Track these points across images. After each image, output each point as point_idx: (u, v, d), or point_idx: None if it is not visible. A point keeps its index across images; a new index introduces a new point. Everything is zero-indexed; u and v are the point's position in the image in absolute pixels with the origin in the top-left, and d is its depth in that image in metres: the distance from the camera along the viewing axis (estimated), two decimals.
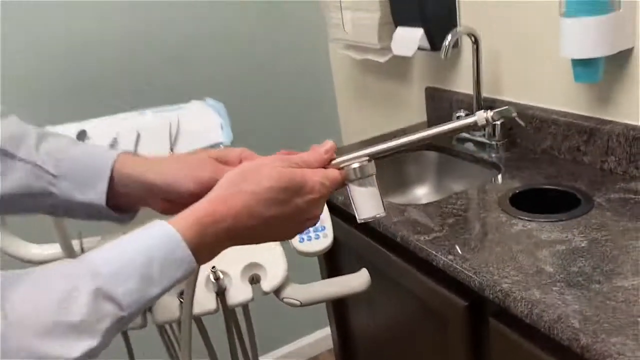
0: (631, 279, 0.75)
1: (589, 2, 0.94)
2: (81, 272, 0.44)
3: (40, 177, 0.61)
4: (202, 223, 0.50)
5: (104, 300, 0.44)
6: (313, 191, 0.55)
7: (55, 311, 0.42)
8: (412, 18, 1.32)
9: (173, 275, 0.48)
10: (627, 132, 1.02)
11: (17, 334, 0.40)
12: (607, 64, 1.00)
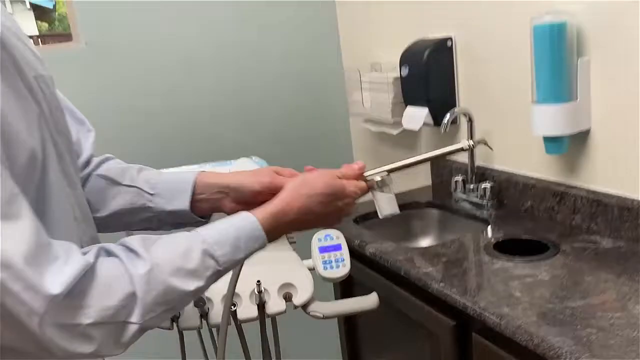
0: (578, 301, 0.98)
1: (553, 93, 1.22)
2: (196, 239, 0.69)
3: (141, 196, 0.88)
4: (273, 215, 0.76)
5: (208, 258, 0.68)
6: (349, 196, 0.84)
7: (180, 260, 0.66)
8: (419, 99, 1.62)
9: (252, 246, 0.73)
10: (588, 196, 1.27)
11: (157, 271, 0.64)
12: (571, 141, 1.27)
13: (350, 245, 1.31)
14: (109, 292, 0.59)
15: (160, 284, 0.63)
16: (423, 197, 1.71)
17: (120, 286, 0.60)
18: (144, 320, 0.62)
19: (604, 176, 1.25)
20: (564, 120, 1.23)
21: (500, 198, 1.51)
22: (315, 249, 1.21)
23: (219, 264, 0.69)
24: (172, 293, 0.64)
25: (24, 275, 0.53)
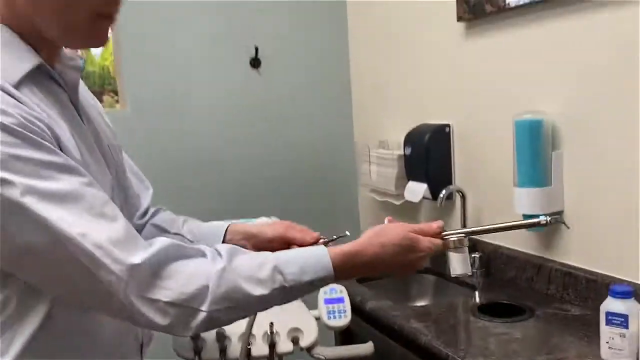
0: (544, 356, 1.16)
1: (531, 178, 1.43)
2: (271, 256, 0.81)
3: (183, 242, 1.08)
4: (345, 254, 0.85)
5: (277, 273, 0.79)
6: (422, 250, 0.88)
7: (254, 269, 0.78)
8: (419, 175, 1.84)
9: (319, 273, 0.81)
10: (562, 268, 1.46)
11: (231, 272, 0.76)
12: None
13: (352, 300, 1.50)
14: (189, 282, 0.74)
15: (231, 282, 0.76)
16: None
17: (198, 279, 0.74)
18: (210, 310, 0.74)
19: (574, 252, 1.44)
20: (540, 202, 1.43)
21: (488, 267, 1.69)
22: (321, 300, 1.40)
23: (285, 280, 0.79)
24: (238, 293, 0.76)
25: (113, 253, 0.69)
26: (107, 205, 0.73)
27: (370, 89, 2.27)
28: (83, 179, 0.73)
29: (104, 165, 0.87)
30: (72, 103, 0.85)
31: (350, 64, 2.37)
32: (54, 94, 0.81)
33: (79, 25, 0.79)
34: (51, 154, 0.71)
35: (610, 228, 1.32)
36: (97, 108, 0.97)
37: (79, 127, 0.84)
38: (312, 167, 2.32)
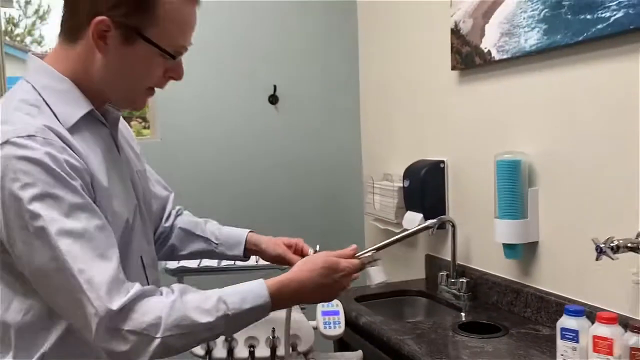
0: None
1: (510, 211, 1.61)
2: (217, 290, 0.95)
3: (209, 244, 1.30)
4: (280, 283, 1.00)
5: (221, 303, 0.92)
6: (343, 269, 1.06)
7: (200, 302, 0.91)
8: (416, 206, 2.03)
9: (257, 301, 0.95)
10: (536, 293, 1.62)
11: (181, 305, 0.89)
12: (524, 249, 1.64)
13: (348, 315, 1.68)
14: (147, 313, 0.87)
15: (181, 312, 0.89)
16: (416, 286, 2.07)
17: (155, 311, 0.88)
18: (163, 337, 0.87)
19: (547, 278, 1.60)
20: (517, 233, 1.61)
21: (474, 291, 1.86)
22: (318, 312, 1.58)
23: (228, 308, 0.92)
24: (187, 320, 0.89)
25: (99, 291, 0.85)
26: (110, 249, 0.89)
27: (377, 127, 2.48)
28: (98, 222, 0.89)
29: (131, 189, 1.06)
30: (112, 137, 1.05)
31: (360, 104, 2.60)
32: (98, 132, 1.01)
33: (134, 97, 1.03)
34: (78, 196, 0.88)
35: (575, 256, 1.48)
36: (127, 137, 1.17)
37: (115, 158, 1.04)
38: (323, 196, 2.53)
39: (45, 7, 8.94)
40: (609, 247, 1.25)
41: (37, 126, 0.89)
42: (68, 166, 0.89)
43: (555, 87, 1.53)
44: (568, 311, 1.29)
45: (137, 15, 0.94)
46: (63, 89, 0.96)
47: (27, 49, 8.60)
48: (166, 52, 0.97)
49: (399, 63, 2.27)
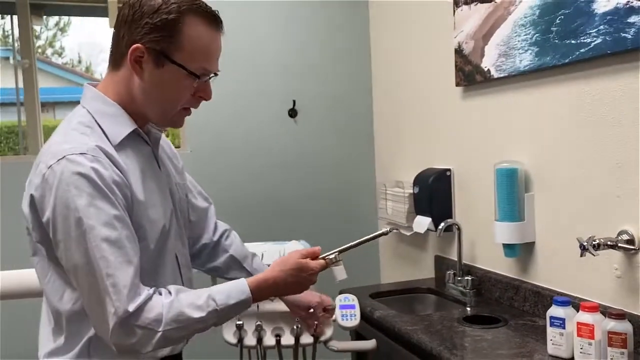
0: (505, 351, 1.50)
1: (508, 215, 1.78)
2: (207, 289, 1.12)
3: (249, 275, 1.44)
4: (258, 281, 1.18)
5: (211, 300, 1.09)
6: (310, 270, 1.22)
7: (193, 300, 1.08)
8: (425, 211, 2.21)
9: (240, 297, 1.12)
10: (533, 288, 1.79)
11: (177, 302, 1.06)
12: (522, 249, 1.81)
13: (363, 310, 1.86)
14: (151, 311, 1.04)
15: (177, 309, 1.07)
16: (426, 284, 2.25)
17: (156, 309, 1.05)
18: (164, 330, 1.04)
19: (543, 275, 1.77)
20: (515, 234, 1.78)
21: (478, 288, 2.03)
22: (337, 306, 1.77)
23: (217, 304, 1.10)
24: (183, 316, 1.06)
25: (122, 298, 1.01)
26: (134, 257, 1.05)
27: (389, 138, 2.67)
28: (128, 233, 1.06)
29: (169, 198, 1.22)
30: (154, 154, 1.22)
31: (373, 116, 2.79)
32: (140, 149, 1.18)
33: (170, 115, 1.17)
34: (116, 208, 1.05)
35: (565, 254, 1.65)
36: (168, 153, 1.33)
37: (155, 171, 1.20)
38: (339, 201, 2.72)
39: (66, 20, 9.33)
40: (591, 245, 1.42)
41: (90, 145, 1.06)
42: (111, 181, 1.05)
43: (547, 103, 1.70)
44: (556, 302, 1.46)
45: (165, 40, 1.09)
46: (112, 112, 1.14)
47: (47, 61, 8.96)
48: (191, 72, 1.12)
49: (408, 79, 2.46)
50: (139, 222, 1.11)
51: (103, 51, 7.43)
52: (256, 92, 2.61)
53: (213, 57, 1.16)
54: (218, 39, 1.16)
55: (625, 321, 1.31)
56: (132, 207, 1.10)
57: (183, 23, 1.09)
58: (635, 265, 1.43)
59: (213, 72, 1.17)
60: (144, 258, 1.11)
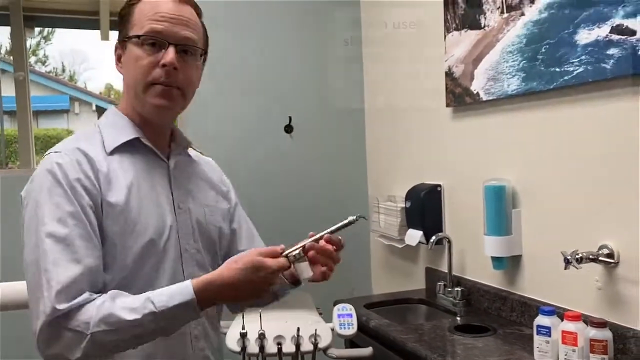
0: (495, 357, 1.60)
1: (496, 229, 1.89)
2: (148, 292, 1.01)
3: None
4: (206, 280, 1.03)
5: (149, 302, 0.99)
6: (269, 267, 1.04)
7: (128, 302, 0.99)
8: (416, 224, 2.31)
9: (182, 299, 0.99)
10: (520, 299, 1.90)
11: (109, 304, 0.98)
12: (509, 261, 1.92)
13: (359, 319, 1.96)
14: (82, 314, 0.98)
15: (107, 310, 0.98)
16: (418, 295, 2.35)
17: (87, 312, 0.98)
18: (92, 332, 0.96)
19: (529, 286, 1.88)
20: (503, 247, 1.89)
21: (468, 299, 2.13)
22: (335, 315, 1.86)
23: (155, 306, 0.99)
24: (113, 318, 0.98)
25: (51, 290, 0.97)
26: (85, 258, 1.01)
27: (381, 153, 2.78)
28: (83, 232, 1.02)
29: (167, 214, 1.15)
30: (168, 170, 1.19)
31: (365, 133, 2.90)
32: (145, 160, 1.15)
33: (141, 96, 1.13)
34: (72, 205, 1.02)
35: (551, 267, 1.76)
36: (205, 173, 1.31)
37: (156, 185, 1.15)
38: (333, 214, 2.80)
39: (50, 28, 9.33)
40: (575, 258, 1.53)
41: (69, 147, 1.09)
42: (74, 179, 1.05)
43: (532, 125, 1.82)
44: (542, 311, 1.56)
45: (125, 28, 1.14)
46: (117, 122, 1.17)
47: (31, 69, 8.96)
48: (136, 36, 1.11)
49: (401, 99, 2.57)
50: (113, 228, 1.08)
51: (86, 60, 7.45)
52: (255, 108, 2.70)
53: (159, 20, 1.11)
54: (170, 7, 1.13)
55: (606, 329, 1.42)
56: (101, 210, 1.07)
57: (135, 5, 1.15)
58: (615, 278, 1.54)
59: (164, 35, 1.11)
60: (118, 267, 1.08)
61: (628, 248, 1.51)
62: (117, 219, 1.08)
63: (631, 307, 1.50)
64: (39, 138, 5.48)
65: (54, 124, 6.88)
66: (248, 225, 1.42)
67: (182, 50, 1.14)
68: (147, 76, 1.12)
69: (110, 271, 1.07)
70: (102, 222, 1.07)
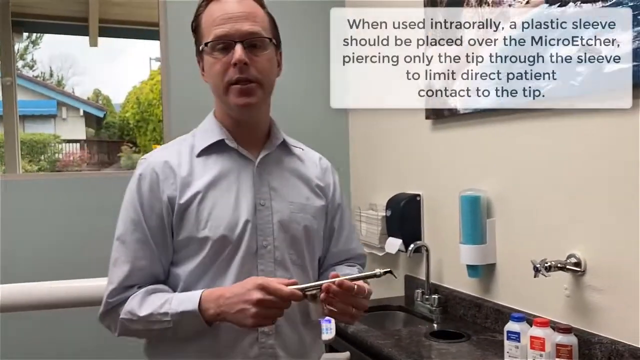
0: None
1: (471, 238, 1.95)
2: (170, 295, 1.15)
3: None
4: (209, 292, 1.11)
5: (167, 303, 1.11)
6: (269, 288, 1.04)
7: (154, 300, 1.13)
8: (396, 232, 2.37)
9: (188, 307, 1.09)
10: (494, 307, 1.96)
11: (141, 300, 1.13)
12: (484, 269, 1.98)
13: (338, 325, 2.00)
14: (124, 305, 1.15)
15: (133, 303, 1.14)
16: (397, 302, 2.40)
17: (127, 304, 1.15)
18: (121, 319, 1.14)
19: (503, 294, 1.94)
20: (477, 256, 1.95)
21: (444, 306, 2.19)
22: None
23: (170, 308, 1.11)
24: (135, 310, 1.13)
25: (108, 291, 1.16)
26: (140, 260, 1.16)
27: (364, 164, 2.84)
28: (142, 236, 1.16)
29: (245, 211, 1.17)
30: (257, 169, 1.21)
31: (350, 144, 2.96)
32: (231, 159, 1.21)
33: (224, 97, 1.18)
34: (136, 212, 1.17)
35: (522, 274, 1.82)
36: (297, 170, 1.31)
37: (243, 180, 1.20)
38: None
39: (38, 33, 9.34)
40: (544, 266, 1.59)
41: (153, 154, 1.24)
42: (147, 189, 1.17)
43: (507, 138, 1.89)
44: (513, 317, 1.62)
45: (197, 40, 1.22)
46: (208, 127, 1.25)
47: (18, 73, 8.93)
48: (205, 45, 1.17)
49: (384, 114, 2.63)
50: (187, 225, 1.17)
51: (75, 65, 7.44)
52: None
53: (221, 23, 1.16)
54: (230, 6, 1.17)
55: (571, 335, 1.48)
56: (173, 211, 1.17)
57: (202, 16, 1.21)
58: (582, 286, 1.60)
59: (229, 36, 1.15)
60: (191, 261, 1.17)
61: (594, 257, 1.57)
62: (190, 217, 1.16)
63: (596, 314, 1.56)
64: (25, 143, 5.47)
65: (41, 129, 6.87)
66: (349, 228, 1.40)
67: (250, 44, 1.17)
68: (223, 79, 1.17)
69: (183, 264, 1.18)
70: (175, 222, 1.17)
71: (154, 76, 4.06)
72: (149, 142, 3.99)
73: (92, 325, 1.35)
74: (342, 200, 1.39)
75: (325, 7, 2.01)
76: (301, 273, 1.23)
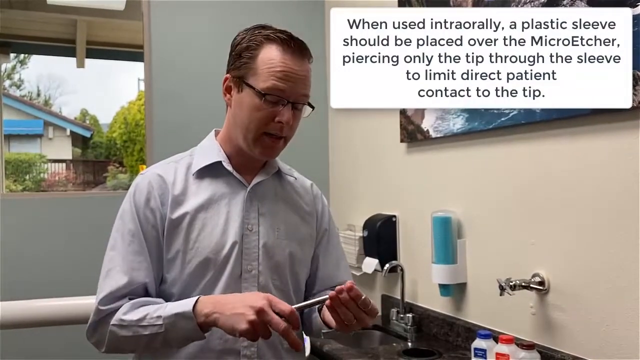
0: None
1: (443, 258, 2.01)
2: (162, 305, 1.13)
3: None
4: (208, 297, 1.11)
5: (162, 308, 1.10)
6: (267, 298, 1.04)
7: (147, 308, 1.12)
8: (373, 253, 2.42)
9: (182, 308, 1.08)
10: (465, 325, 2.01)
11: (133, 307, 1.13)
12: (455, 289, 2.03)
13: (313, 344, 2.05)
14: (115, 314, 1.14)
15: (125, 310, 1.14)
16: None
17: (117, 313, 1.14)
18: (112, 324, 1.13)
19: (473, 312, 2.00)
20: (449, 275, 2.01)
21: (419, 325, 2.24)
22: None
23: (164, 312, 1.11)
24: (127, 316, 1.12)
25: (99, 298, 1.15)
26: (134, 271, 1.16)
27: (342, 185, 2.91)
28: (138, 248, 1.17)
29: (232, 235, 1.20)
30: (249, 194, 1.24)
31: (329, 166, 3.03)
32: (226, 183, 1.23)
33: (252, 140, 1.20)
34: (134, 223, 1.18)
35: (490, 293, 1.87)
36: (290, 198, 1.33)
37: (233, 204, 1.22)
38: None
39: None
40: (509, 285, 1.65)
41: (151, 170, 1.25)
42: (144, 200, 1.20)
43: (475, 161, 1.96)
44: (480, 335, 1.68)
45: (244, 67, 1.20)
46: (208, 147, 1.28)
47: (4, 93, 8.95)
48: (259, 92, 1.16)
49: (361, 138, 2.72)
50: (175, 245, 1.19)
51: (62, 84, 7.45)
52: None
53: (283, 78, 1.17)
54: (293, 63, 1.18)
55: (534, 351, 1.53)
56: (164, 228, 1.19)
57: (259, 50, 1.18)
58: (546, 304, 1.66)
59: (286, 94, 1.18)
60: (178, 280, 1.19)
61: (557, 276, 1.64)
62: (178, 237, 1.19)
63: (559, 331, 1.62)
64: (9, 162, 5.47)
65: (27, 149, 6.86)
66: (336, 254, 1.40)
67: (296, 106, 1.21)
68: (261, 128, 1.19)
69: (173, 284, 1.20)
70: (165, 239, 1.20)
71: (141, 96, 4.12)
72: (136, 163, 4.02)
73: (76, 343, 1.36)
74: (330, 227, 1.40)
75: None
76: (284, 299, 1.17)
